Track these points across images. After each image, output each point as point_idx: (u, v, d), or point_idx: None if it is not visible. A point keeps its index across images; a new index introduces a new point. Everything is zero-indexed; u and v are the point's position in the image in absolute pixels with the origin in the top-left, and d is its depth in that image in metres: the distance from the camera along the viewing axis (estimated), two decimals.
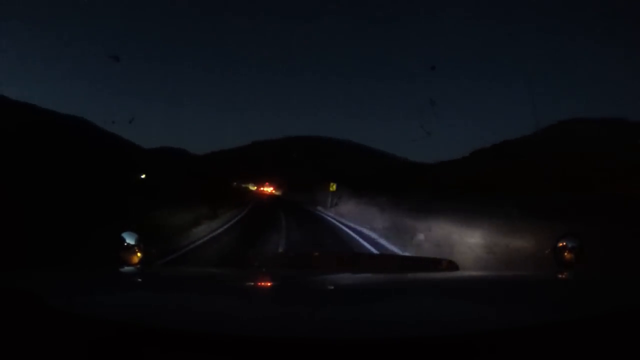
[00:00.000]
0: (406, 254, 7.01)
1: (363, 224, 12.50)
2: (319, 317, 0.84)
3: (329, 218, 16.62)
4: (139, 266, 1.36)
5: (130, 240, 1.34)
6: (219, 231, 10.92)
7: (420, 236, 8.26)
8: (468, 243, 6.70)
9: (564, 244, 1.32)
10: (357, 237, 9.94)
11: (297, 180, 50.58)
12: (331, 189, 22.07)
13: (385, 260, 2.75)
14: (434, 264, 1.95)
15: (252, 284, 1.32)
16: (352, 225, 12.92)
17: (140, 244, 1.35)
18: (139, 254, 1.34)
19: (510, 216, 6.61)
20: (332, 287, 1.25)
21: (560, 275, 1.31)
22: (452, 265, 1.70)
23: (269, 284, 1.32)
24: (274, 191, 57.37)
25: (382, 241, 9.22)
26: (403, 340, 0.68)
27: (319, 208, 22.75)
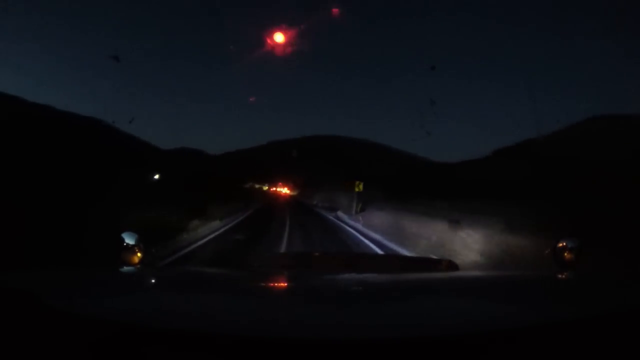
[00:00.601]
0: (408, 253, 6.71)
1: (423, 250, 7.49)
2: (320, 317, 0.84)
3: (359, 235, 10.84)
4: (139, 266, 1.36)
5: (130, 240, 1.34)
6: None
7: None
8: None
9: (564, 244, 1.32)
10: None
11: (315, 180, 48.23)
12: (356, 189, 17.57)
13: (386, 261, 2.74)
14: (434, 264, 1.95)
15: (253, 284, 1.32)
16: (403, 252, 7.68)
17: (140, 244, 1.36)
18: (139, 254, 1.34)
19: None
20: (333, 288, 1.25)
21: (560, 275, 1.31)
22: (452, 265, 1.70)
23: (269, 285, 1.32)
24: (288, 192, 56.14)
25: None
26: (403, 340, 0.68)
27: (341, 214, 17.59)
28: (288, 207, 23.51)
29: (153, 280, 1.29)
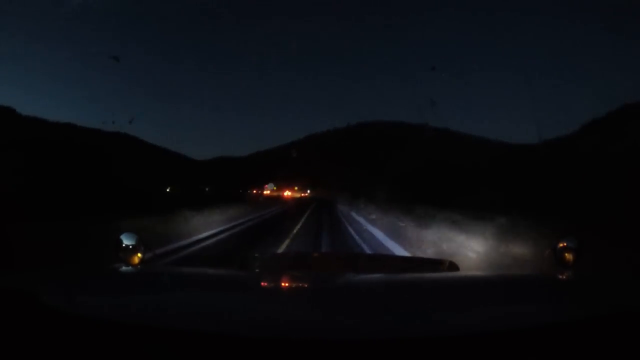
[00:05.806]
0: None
1: None
2: (318, 317, 0.84)
3: None
4: (139, 266, 1.36)
5: (129, 241, 1.34)
6: None
7: None
8: None
9: (564, 244, 1.31)
10: None
11: (360, 180, 38.96)
12: None
13: (386, 261, 2.71)
14: (434, 264, 1.92)
15: (253, 284, 1.32)
16: None
17: (140, 245, 1.35)
18: (139, 254, 1.34)
19: None
20: (332, 288, 1.25)
21: (560, 275, 1.29)
22: (452, 266, 1.67)
23: (269, 285, 1.32)
24: (304, 196, 49.68)
25: None
26: (403, 340, 0.68)
27: None
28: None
29: (153, 280, 1.30)
